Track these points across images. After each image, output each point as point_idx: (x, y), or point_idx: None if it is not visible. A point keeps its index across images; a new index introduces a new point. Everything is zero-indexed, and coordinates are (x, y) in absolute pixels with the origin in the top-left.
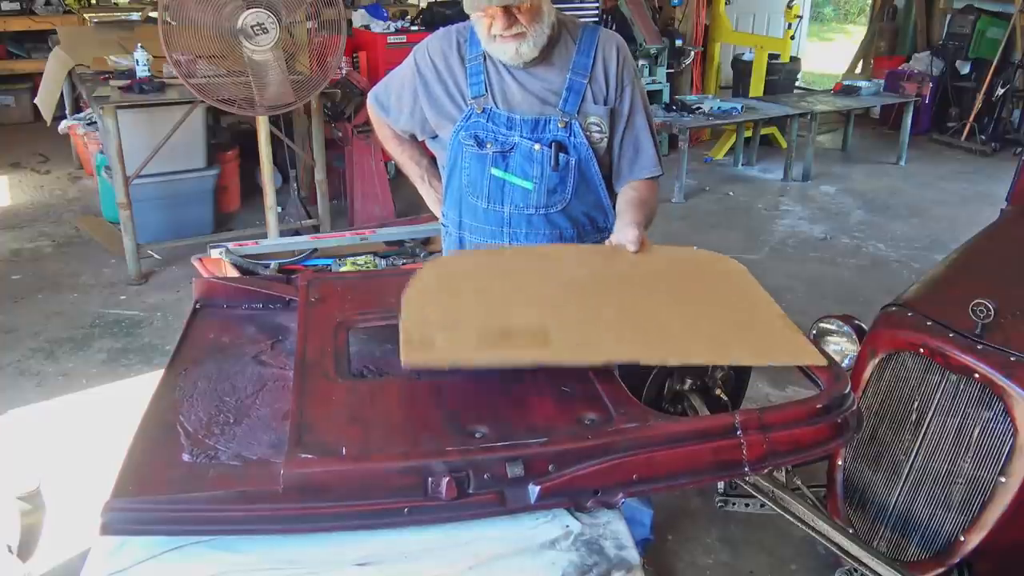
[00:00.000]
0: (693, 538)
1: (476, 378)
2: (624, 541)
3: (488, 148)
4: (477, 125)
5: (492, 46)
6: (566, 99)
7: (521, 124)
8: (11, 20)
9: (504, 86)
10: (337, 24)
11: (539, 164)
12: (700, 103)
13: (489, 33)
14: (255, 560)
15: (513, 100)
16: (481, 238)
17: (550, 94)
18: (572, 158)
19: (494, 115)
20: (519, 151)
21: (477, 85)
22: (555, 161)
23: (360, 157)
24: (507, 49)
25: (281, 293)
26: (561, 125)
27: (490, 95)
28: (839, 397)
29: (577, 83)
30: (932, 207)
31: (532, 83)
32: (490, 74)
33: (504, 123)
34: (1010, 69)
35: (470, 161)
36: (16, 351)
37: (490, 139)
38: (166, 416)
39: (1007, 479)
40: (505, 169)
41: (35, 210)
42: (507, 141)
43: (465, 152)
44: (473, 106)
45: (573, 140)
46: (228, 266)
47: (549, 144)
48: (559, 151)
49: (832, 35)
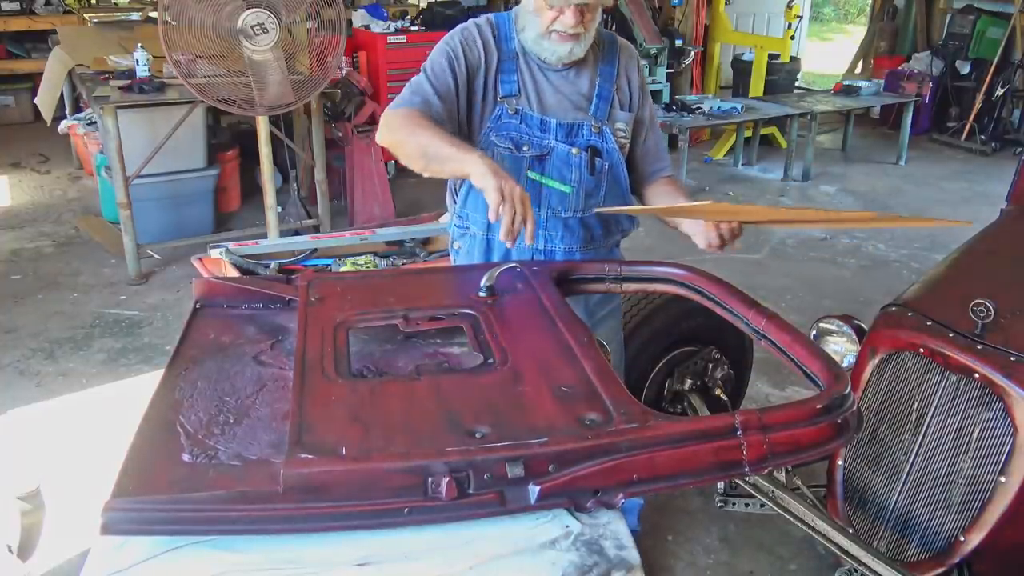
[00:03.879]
0: (693, 538)
1: (476, 378)
2: (624, 541)
3: (525, 151)
4: (510, 127)
5: (544, 43)
6: (597, 106)
7: (556, 128)
8: (11, 20)
9: (538, 88)
10: (337, 24)
11: (577, 168)
12: (700, 103)
13: (547, 29)
14: (255, 560)
15: (546, 102)
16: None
17: (581, 98)
18: (606, 163)
19: (527, 117)
20: (556, 155)
21: (509, 84)
22: (591, 166)
23: (360, 157)
24: (561, 48)
25: (281, 293)
26: (594, 130)
27: (524, 96)
28: (839, 397)
29: (606, 90)
30: (932, 207)
31: (564, 86)
32: (523, 74)
33: (537, 126)
34: (1010, 69)
35: (504, 163)
36: (16, 351)
37: (526, 142)
38: (166, 416)
39: (1007, 479)
40: (542, 173)
41: (35, 210)
42: (543, 144)
43: (498, 154)
44: (504, 105)
45: (606, 145)
46: (228, 266)
47: (586, 148)
48: (594, 156)
49: (832, 35)
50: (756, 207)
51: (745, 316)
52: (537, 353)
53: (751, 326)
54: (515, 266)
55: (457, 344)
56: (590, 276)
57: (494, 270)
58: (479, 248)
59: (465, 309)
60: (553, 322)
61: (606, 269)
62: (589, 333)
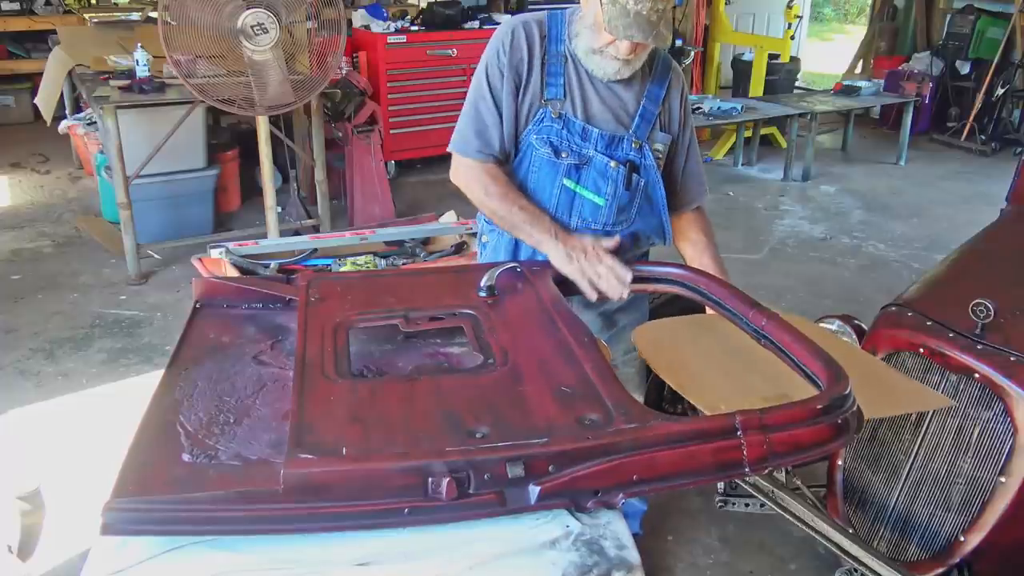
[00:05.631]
0: (693, 538)
1: (476, 378)
2: (624, 541)
3: (564, 158)
4: (552, 131)
5: (594, 58)
6: (638, 125)
7: (598, 138)
8: (11, 20)
9: (585, 95)
10: (337, 24)
11: (613, 182)
12: (700, 103)
13: (601, 48)
14: (255, 560)
15: (591, 111)
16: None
17: (624, 114)
18: (642, 179)
19: (570, 123)
20: (594, 166)
21: (556, 87)
22: (628, 181)
23: (360, 157)
24: (610, 67)
25: (281, 293)
26: (635, 146)
27: (569, 100)
28: (839, 398)
29: (649, 112)
30: (932, 207)
31: (611, 98)
32: (571, 78)
33: (579, 133)
34: (1010, 69)
35: (540, 167)
36: (16, 351)
37: (565, 148)
38: (166, 416)
39: (1007, 479)
40: (577, 182)
41: (35, 210)
42: (583, 153)
43: (536, 156)
44: (548, 109)
45: (644, 162)
46: (228, 266)
47: (624, 163)
48: (632, 171)
49: (832, 35)
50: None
51: (745, 316)
52: (537, 353)
53: (751, 326)
54: (515, 266)
55: (457, 344)
56: None
57: (494, 270)
58: (505, 247)
59: (465, 309)
60: (553, 322)
61: None
62: (589, 333)
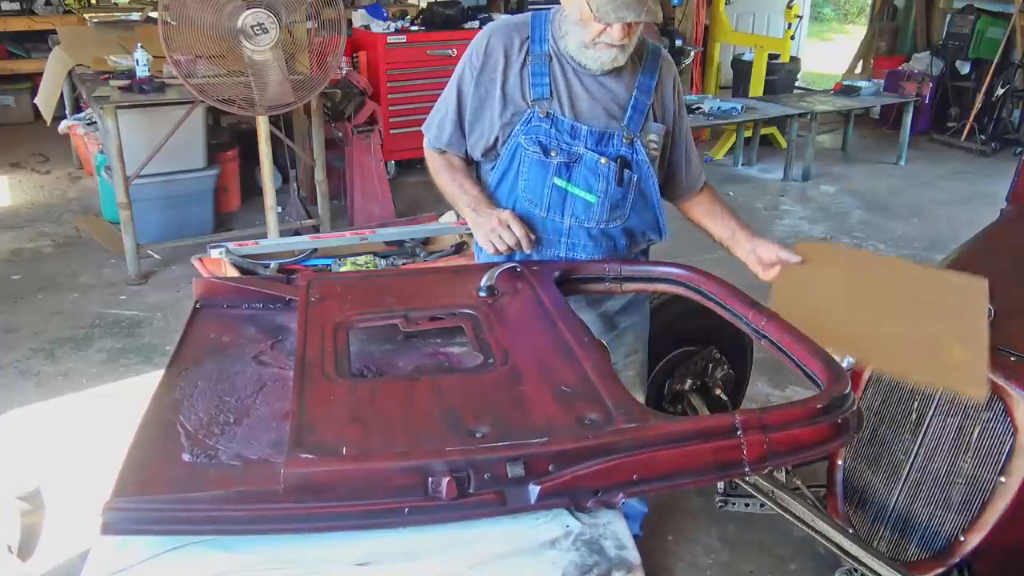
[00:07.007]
0: (693, 538)
1: (476, 378)
2: (624, 541)
3: (553, 156)
4: (540, 130)
5: (588, 52)
6: (631, 117)
7: (587, 135)
8: (11, 20)
9: (571, 92)
10: (337, 24)
11: (604, 178)
12: (700, 103)
13: (593, 39)
14: (255, 560)
15: (579, 108)
16: (537, 245)
17: (615, 107)
18: (635, 175)
19: (558, 121)
20: (584, 163)
21: (541, 87)
22: (619, 177)
23: (360, 157)
24: (606, 55)
25: (281, 293)
26: (626, 141)
27: (556, 99)
28: (839, 397)
29: (641, 103)
30: (932, 207)
31: (599, 92)
32: (556, 77)
33: (568, 131)
34: (1010, 69)
35: (530, 167)
36: (16, 351)
37: (555, 147)
38: (166, 416)
39: (1007, 479)
40: (568, 180)
41: (35, 210)
42: (572, 151)
43: (526, 157)
44: (535, 109)
45: (636, 157)
46: (228, 266)
47: (615, 159)
48: (623, 167)
49: (832, 35)
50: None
51: (745, 316)
52: (537, 353)
53: (751, 326)
54: (515, 266)
55: (457, 344)
56: (590, 276)
57: (494, 270)
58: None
59: (465, 309)
60: (553, 322)
61: (606, 269)
62: (589, 333)
